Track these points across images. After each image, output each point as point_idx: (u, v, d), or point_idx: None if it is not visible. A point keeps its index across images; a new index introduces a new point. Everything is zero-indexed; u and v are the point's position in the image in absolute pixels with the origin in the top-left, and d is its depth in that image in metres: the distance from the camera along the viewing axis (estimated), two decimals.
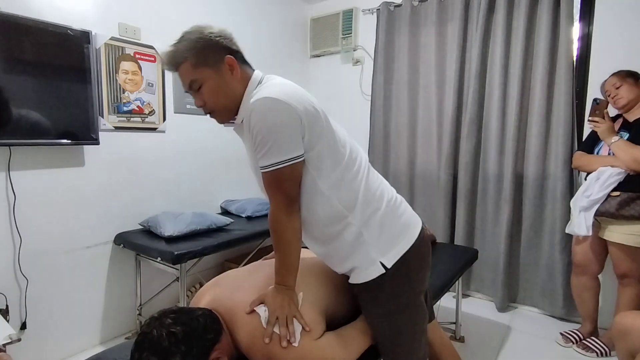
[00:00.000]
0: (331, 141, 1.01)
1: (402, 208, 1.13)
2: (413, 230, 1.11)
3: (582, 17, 2.35)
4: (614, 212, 1.88)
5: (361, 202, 1.04)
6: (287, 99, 0.92)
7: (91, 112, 1.99)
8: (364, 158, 1.11)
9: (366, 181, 1.06)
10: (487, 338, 2.27)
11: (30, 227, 1.88)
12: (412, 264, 1.09)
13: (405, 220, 1.11)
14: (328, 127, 1.01)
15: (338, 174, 1.01)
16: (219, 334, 0.96)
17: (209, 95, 1.02)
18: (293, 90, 0.97)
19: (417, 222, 1.14)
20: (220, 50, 1.01)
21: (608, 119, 1.94)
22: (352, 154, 1.06)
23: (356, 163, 1.06)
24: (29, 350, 1.90)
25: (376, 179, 1.12)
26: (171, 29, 2.43)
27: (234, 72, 1.02)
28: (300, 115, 0.92)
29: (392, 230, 1.07)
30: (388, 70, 3.06)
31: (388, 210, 1.07)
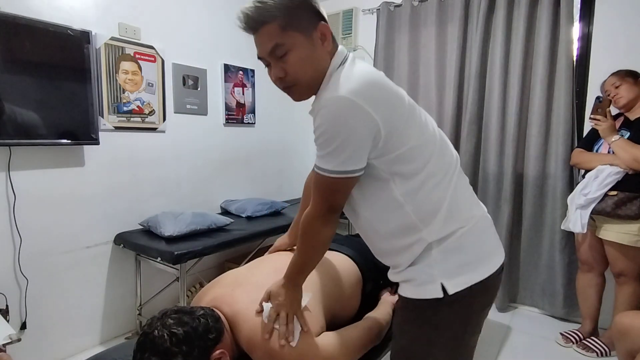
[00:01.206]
0: (416, 141, 0.87)
1: (490, 232, 0.98)
2: (492, 263, 0.94)
3: (582, 17, 2.35)
4: (610, 211, 1.88)
5: (443, 217, 0.89)
6: (366, 101, 0.78)
7: (91, 112, 1.98)
8: (453, 160, 0.95)
9: (454, 191, 0.91)
10: (487, 338, 2.27)
11: (30, 227, 1.88)
12: (476, 299, 0.92)
13: (489, 248, 0.96)
14: (414, 125, 0.87)
15: (420, 179, 0.87)
16: (220, 334, 0.96)
17: (295, 65, 0.86)
18: (375, 82, 0.82)
19: (499, 255, 0.98)
20: (314, 15, 0.87)
21: (610, 117, 1.94)
22: (440, 155, 0.91)
23: (443, 168, 0.91)
24: (29, 350, 1.90)
25: (466, 189, 0.96)
26: (171, 29, 2.44)
27: (325, 42, 0.88)
28: (378, 122, 0.80)
29: (468, 255, 0.91)
30: (388, 70, 3.06)
31: (475, 230, 0.92)
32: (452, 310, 0.90)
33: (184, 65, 2.52)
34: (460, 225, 0.90)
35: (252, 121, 3.06)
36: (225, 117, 2.84)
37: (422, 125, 0.90)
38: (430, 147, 0.89)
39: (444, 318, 0.91)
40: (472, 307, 0.93)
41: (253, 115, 3.06)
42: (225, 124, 2.85)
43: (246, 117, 3.01)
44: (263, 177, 3.18)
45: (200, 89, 2.65)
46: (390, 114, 0.82)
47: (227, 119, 2.86)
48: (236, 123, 2.94)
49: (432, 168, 0.88)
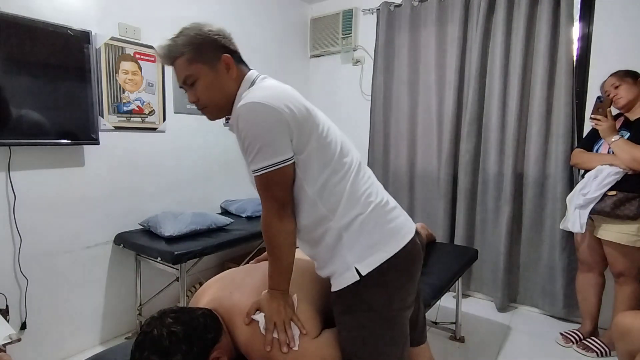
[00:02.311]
0: (321, 143, 0.98)
1: (393, 214, 1.06)
2: (400, 239, 1.02)
3: (582, 17, 2.35)
4: (609, 211, 1.88)
5: (344, 205, 0.99)
6: (273, 102, 0.91)
7: (91, 112, 1.99)
8: (354, 158, 1.07)
9: (352, 183, 1.02)
10: (487, 338, 2.27)
11: (30, 227, 1.88)
12: (391, 276, 1.00)
13: (393, 227, 1.03)
14: (318, 129, 0.98)
15: (325, 177, 0.98)
16: (219, 334, 0.96)
17: (203, 91, 1.03)
18: (280, 92, 0.95)
19: (407, 232, 1.05)
20: (217, 48, 1.02)
21: (610, 118, 1.94)
22: (342, 155, 1.03)
23: (345, 165, 1.02)
24: (29, 350, 1.90)
25: (365, 181, 1.06)
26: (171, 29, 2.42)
27: (229, 70, 1.03)
28: (287, 118, 0.91)
29: (373, 236, 1.00)
30: (388, 70, 3.06)
31: (373, 215, 1.01)
32: (371, 290, 0.99)
33: None
34: (360, 211, 1.00)
35: None
36: (226, 117, 2.83)
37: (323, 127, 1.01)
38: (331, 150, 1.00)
39: (366, 300, 0.99)
40: (389, 284, 1.00)
41: None
42: (225, 124, 2.85)
43: None
44: None
45: None
46: (294, 110, 0.93)
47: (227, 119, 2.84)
48: None
49: (336, 166, 1.00)
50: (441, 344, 2.21)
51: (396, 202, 1.13)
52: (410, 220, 1.12)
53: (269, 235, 0.99)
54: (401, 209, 1.12)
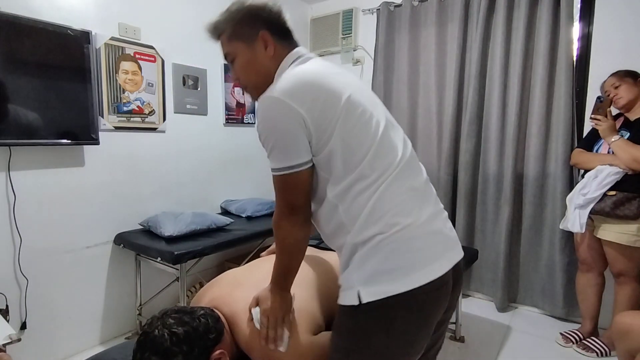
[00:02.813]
0: (347, 142, 0.86)
1: (424, 241, 0.88)
2: (422, 275, 0.84)
3: (582, 17, 2.35)
4: (609, 211, 1.88)
5: (364, 219, 0.86)
6: (291, 96, 0.83)
7: (91, 112, 1.98)
8: (396, 161, 0.89)
9: (382, 193, 0.86)
10: (487, 338, 2.27)
11: (30, 227, 1.88)
12: (399, 315, 0.84)
13: (418, 259, 0.86)
14: (348, 122, 0.86)
15: (349, 180, 0.86)
16: (220, 334, 0.96)
17: (241, 70, 0.98)
18: (304, 82, 0.85)
19: (436, 269, 0.86)
20: (256, 24, 0.95)
21: (610, 118, 1.94)
22: (376, 156, 0.87)
23: (377, 170, 0.87)
24: (29, 350, 1.90)
25: (402, 193, 0.88)
26: (171, 29, 2.44)
27: (267, 48, 0.95)
28: (303, 116, 0.82)
29: (388, 262, 0.84)
30: (388, 70, 3.06)
31: (395, 238, 0.85)
32: (368, 321, 0.85)
33: (184, 65, 2.52)
34: (379, 231, 0.85)
35: (252, 121, 3.06)
36: (225, 117, 2.84)
37: (356, 126, 0.87)
38: (361, 150, 0.86)
39: (360, 328, 0.86)
40: (392, 321, 0.85)
41: (253, 115, 3.06)
42: (225, 124, 2.85)
43: (246, 117, 3.01)
44: (263, 177, 3.17)
45: (200, 89, 2.65)
46: (318, 111, 0.83)
47: (227, 119, 2.86)
48: (236, 123, 2.94)
49: (365, 170, 0.86)
50: None
51: (445, 227, 0.94)
52: (454, 252, 0.94)
53: (278, 236, 0.94)
54: (446, 236, 0.93)
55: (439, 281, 0.86)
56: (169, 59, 2.42)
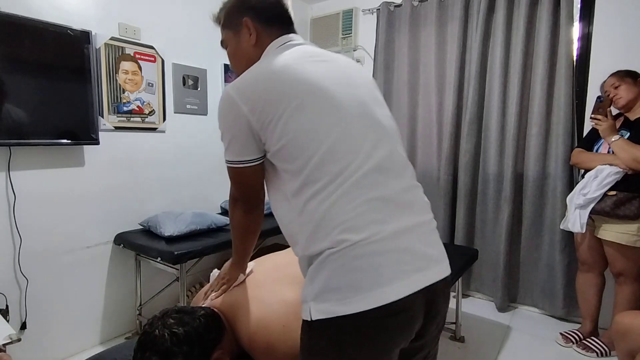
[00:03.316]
0: (295, 140, 0.78)
1: (386, 258, 0.75)
2: (377, 296, 0.73)
3: (582, 17, 2.35)
4: (609, 211, 1.88)
5: (312, 231, 0.77)
6: (242, 91, 0.80)
7: (91, 112, 1.98)
8: (349, 169, 0.77)
9: (331, 205, 0.76)
10: (487, 338, 2.27)
11: (30, 227, 1.88)
12: (350, 339, 0.75)
13: (374, 277, 0.74)
14: (295, 122, 0.78)
15: (299, 184, 0.79)
16: (220, 334, 0.96)
17: (230, 58, 1.00)
18: (257, 78, 0.82)
19: (398, 289, 0.74)
20: (243, 11, 0.93)
21: (610, 117, 1.94)
22: (327, 160, 0.77)
23: (328, 175, 0.76)
24: (29, 350, 1.90)
25: (354, 206, 0.76)
26: (171, 29, 2.44)
27: (250, 35, 0.93)
28: (247, 116, 0.79)
29: (334, 280, 0.75)
30: (388, 70, 3.06)
31: (344, 254, 0.74)
32: (319, 339, 0.77)
33: (184, 65, 2.52)
34: (328, 245, 0.75)
35: None
36: None
37: (310, 125, 0.79)
38: (307, 151, 0.77)
39: (313, 346, 0.79)
40: (342, 344, 0.75)
41: None
42: None
43: None
44: None
45: (200, 89, 2.65)
46: (263, 107, 0.79)
47: None
48: None
49: (313, 174, 0.77)
50: (441, 344, 2.20)
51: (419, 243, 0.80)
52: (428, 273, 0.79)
53: (230, 217, 1.05)
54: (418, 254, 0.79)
55: (396, 306, 0.73)
56: (169, 59, 2.42)
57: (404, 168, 0.87)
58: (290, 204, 0.82)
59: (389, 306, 0.73)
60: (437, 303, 0.82)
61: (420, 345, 0.86)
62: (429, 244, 0.83)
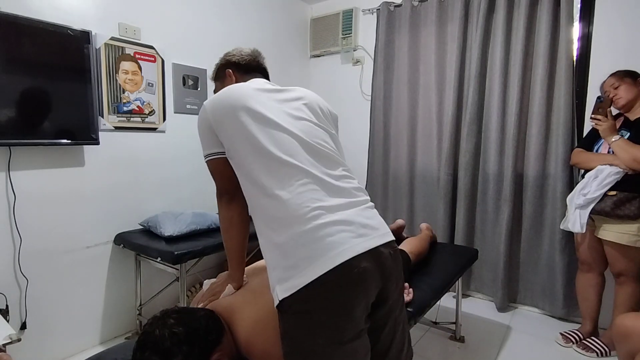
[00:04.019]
0: (234, 144, 1.01)
1: (327, 230, 0.87)
2: (327, 260, 0.84)
3: (582, 17, 2.35)
4: (609, 211, 1.88)
5: (261, 215, 0.94)
6: (208, 102, 1.05)
7: (91, 112, 1.98)
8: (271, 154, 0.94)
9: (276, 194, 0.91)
10: (487, 338, 2.27)
11: (30, 227, 1.88)
12: (314, 305, 0.84)
13: (315, 249, 0.85)
14: (235, 131, 1.00)
15: (239, 169, 1.01)
16: (220, 335, 0.96)
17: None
18: (222, 93, 1.05)
19: (344, 251, 0.85)
20: (227, 66, 1.24)
21: (610, 117, 1.94)
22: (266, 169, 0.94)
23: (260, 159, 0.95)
24: (29, 350, 1.90)
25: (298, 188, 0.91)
26: (171, 29, 2.44)
27: (231, 79, 1.21)
28: (209, 117, 1.03)
29: (293, 255, 0.86)
30: (388, 70, 3.07)
31: (293, 235, 0.87)
32: (289, 319, 0.87)
33: (184, 65, 2.52)
34: (276, 229, 0.90)
35: None
36: None
37: (246, 134, 0.98)
38: (249, 156, 0.97)
39: (285, 326, 0.89)
40: (311, 313, 0.84)
41: None
42: None
43: None
44: None
45: (200, 89, 2.65)
46: (221, 117, 1.02)
47: None
48: None
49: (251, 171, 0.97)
50: (441, 344, 2.21)
51: (359, 216, 0.93)
52: (368, 238, 0.91)
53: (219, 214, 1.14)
54: (359, 224, 0.91)
55: (347, 266, 0.84)
56: (169, 59, 2.42)
57: (332, 160, 1.02)
58: (248, 196, 1.01)
59: (340, 267, 0.84)
60: (386, 264, 0.93)
61: (387, 311, 0.96)
62: (368, 217, 0.96)
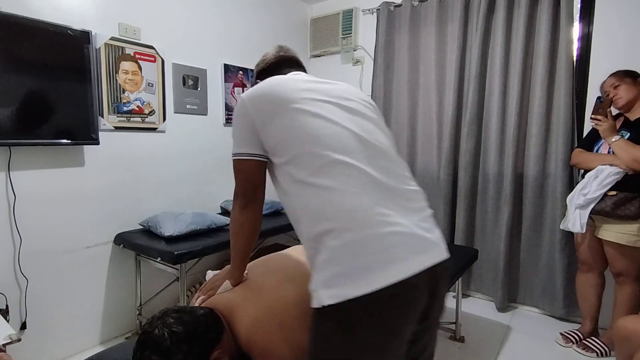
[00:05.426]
0: (282, 138, 0.92)
1: (387, 241, 0.80)
2: (373, 279, 0.77)
3: (582, 17, 2.35)
4: (609, 211, 1.88)
5: (311, 213, 0.86)
6: (248, 98, 0.98)
7: (91, 112, 1.98)
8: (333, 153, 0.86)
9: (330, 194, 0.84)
10: (487, 338, 2.27)
11: (30, 227, 1.88)
12: (357, 323, 0.78)
13: (370, 261, 0.79)
14: (283, 125, 0.92)
15: (288, 167, 0.91)
16: (220, 333, 0.96)
17: None
18: (264, 88, 0.98)
19: (389, 274, 0.78)
20: (257, 77, 1.28)
21: (610, 118, 1.94)
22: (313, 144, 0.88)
23: (315, 157, 0.87)
24: (29, 350, 1.90)
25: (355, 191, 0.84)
26: (171, 29, 2.44)
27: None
28: (250, 113, 0.96)
29: (343, 265, 0.79)
30: (388, 70, 3.07)
31: (350, 239, 0.80)
32: (329, 325, 0.81)
33: (184, 65, 2.52)
34: (332, 227, 0.82)
35: None
36: (225, 117, 2.84)
37: (296, 126, 0.91)
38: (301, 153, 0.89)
39: (323, 333, 0.83)
40: (352, 327, 0.79)
41: None
42: (226, 124, 2.85)
43: None
44: None
45: (200, 89, 2.65)
46: (266, 112, 0.94)
47: (227, 119, 2.86)
48: None
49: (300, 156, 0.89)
50: (441, 344, 2.21)
51: (419, 228, 0.85)
52: (428, 255, 0.84)
53: (230, 219, 1.11)
54: (419, 237, 0.84)
55: (402, 285, 0.77)
56: (169, 59, 2.42)
57: (394, 161, 0.96)
58: (287, 193, 0.94)
59: (399, 284, 0.77)
60: (439, 283, 0.88)
61: (425, 327, 0.90)
62: (427, 229, 0.88)
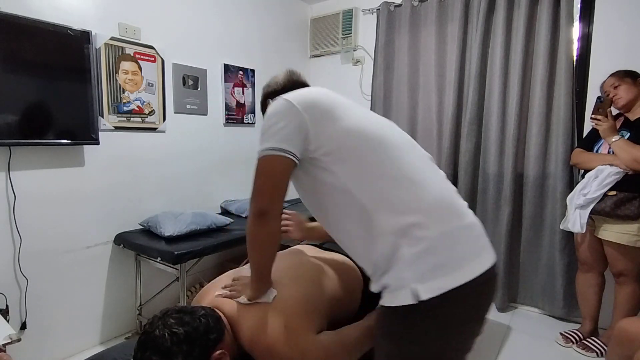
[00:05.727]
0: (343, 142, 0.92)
1: (477, 230, 0.94)
2: (470, 268, 0.84)
3: (582, 17, 2.35)
4: (609, 211, 1.88)
5: (389, 206, 0.87)
6: (295, 100, 0.94)
7: (91, 112, 1.98)
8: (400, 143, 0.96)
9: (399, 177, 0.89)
10: (487, 338, 2.27)
11: (30, 227, 1.88)
12: (455, 313, 0.83)
13: (462, 253, 0.86)
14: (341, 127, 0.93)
15: (354, 164, 0.90)
16: (221, 334, 0.96)
17: None
18: (303, 93, 0.98)
19: (478, 264, 0.86)
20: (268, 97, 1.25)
21: (611, 118, 1.94)
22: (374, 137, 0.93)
23: (383, 148, 0.92)
24: (29, 350, 1.90)
25: (434, 181, 0.95)
26: (171, 29, 2.44)
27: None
28: (302, 114, 0.92)
29: (448, 253, 0.84)
30: (388, 70, 3.06)
31: (442, 234, 0.86)
32: (427, 322, 0.82)
33: (184, 65, 2.52)
34: (418, 219, 0.85)
35: (252, 121, 3.06)
36: (225, 117, 2.84)
37: (351, 127, 0.93)
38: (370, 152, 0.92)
39: (418, 332, 0.84)
40: (450, 318, 0.83)
41: (253, 115, 3.06)
42: (225, 124, 2.85)
43: (246, 117, 3.01)
44: None
45: (200, 89, 2.65)
46: (319, 117, 0.92)
47: (227, 119, 2.86)
48: (236, 123, 2.94)
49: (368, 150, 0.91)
50: None
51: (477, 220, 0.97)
52: (487, 255, 0.92)
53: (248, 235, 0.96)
54: (481, 227, 0.98)
55: (486, 274, 0.86)
56: (169, 59, 2.42)
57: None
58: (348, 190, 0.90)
59: (486, 273, 0.86)
60: (496, 281, 0.96)
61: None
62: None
